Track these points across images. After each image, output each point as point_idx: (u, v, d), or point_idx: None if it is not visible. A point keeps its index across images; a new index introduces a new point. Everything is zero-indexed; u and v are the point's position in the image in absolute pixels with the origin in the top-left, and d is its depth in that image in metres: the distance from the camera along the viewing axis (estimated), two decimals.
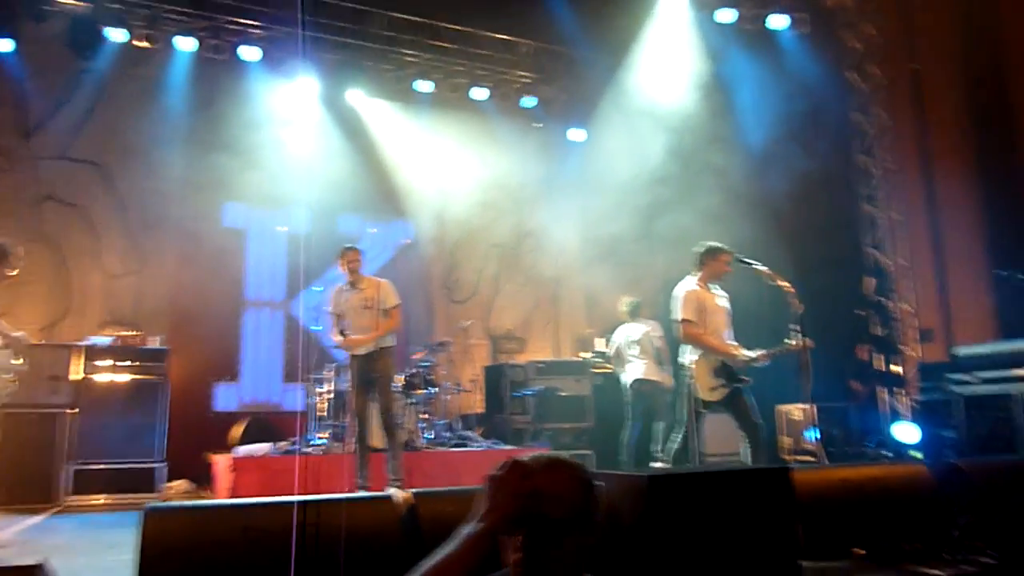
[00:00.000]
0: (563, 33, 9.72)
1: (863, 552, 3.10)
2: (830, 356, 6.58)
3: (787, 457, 7.99)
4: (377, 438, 6.36)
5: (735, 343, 5.51)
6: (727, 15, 9.17)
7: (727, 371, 5.30)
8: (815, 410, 5.10)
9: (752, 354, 5.37)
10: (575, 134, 11.32)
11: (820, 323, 6.39)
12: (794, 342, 5.18)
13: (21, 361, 5.03)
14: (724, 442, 7.09)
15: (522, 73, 10.76)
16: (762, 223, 8.66)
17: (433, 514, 2.44)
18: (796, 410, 8.15)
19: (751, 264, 5.31)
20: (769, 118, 8.41)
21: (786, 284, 5.15)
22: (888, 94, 9.02)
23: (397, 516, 2.42)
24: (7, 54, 8.43)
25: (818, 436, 5.71)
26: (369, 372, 6.16)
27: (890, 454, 7.35)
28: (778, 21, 9.23)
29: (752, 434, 5.24)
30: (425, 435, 7.65)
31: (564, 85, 11.03)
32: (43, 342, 7.15)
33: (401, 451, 6.26)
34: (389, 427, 6.17)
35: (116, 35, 8.65)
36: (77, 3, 8.39)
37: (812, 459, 7.57)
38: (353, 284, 6.30)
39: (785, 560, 2.68)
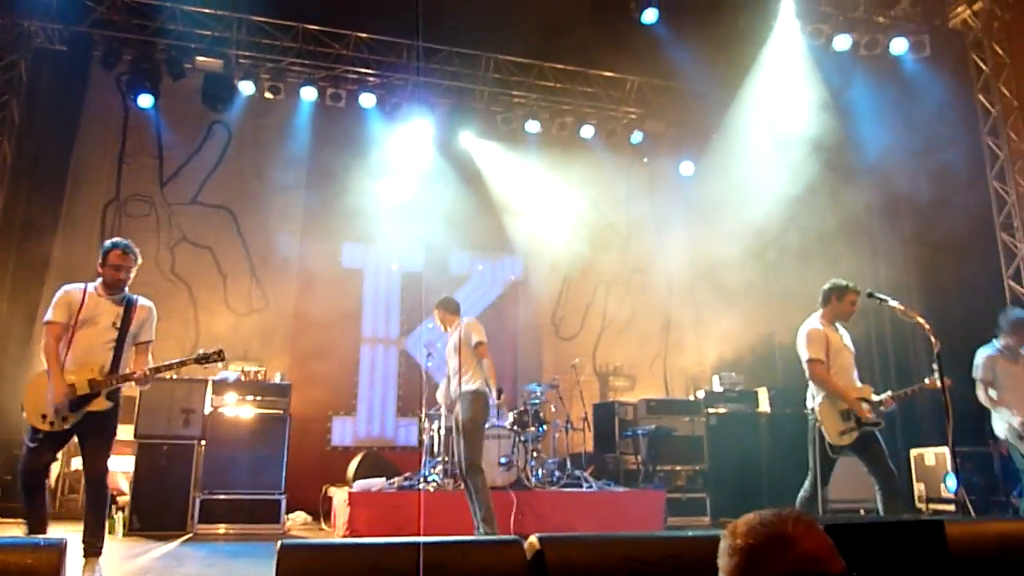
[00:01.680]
0: (669, 67, 9.67)
1: None
2: (969, 395, 6.11)
3: (922, 506, 7.44)
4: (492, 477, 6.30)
5: (862, 384, 5.23)
6: (843, 42, 8.87)
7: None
8: (954, 455, 4.70)
9: (878, 397, 5.07)
10: (684, 167, 11.16)
11: (958, 358, 5.97)
12: (931, 381, 4.86)
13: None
14: (851, 488, 6.71)
15: (629, 109, 10.76)
16: (888, 252, 8.24)
17: (561, 559, 2.39)
18: (930, 454, 7.61)
19: (883, 299, 5.02)
20: (894, 146, 8.03)
21: (920, 319, 4.84)
22: (1020, 115, 8.50)
23: (524, 561, 2.37)
24: (148, 109, 9.15)
25: (958, 484, 5.27)
26: (454, 415, 6.13)
27: None
28: (897, 45, 8.87)
29: (886, 481, 4.92)
30: (535, 473, 7.59)
31: (672, 119, 10.93)
32: (174, 376, 7.54)
33: (481, 497, 5.83)
34: (462, 475, 5.87)
35: (246, 88, 9.32)
36: (212, 60, 9.02)
37: (950, 508, 7.03)
38: (445, 331, 6.48)
39: None
